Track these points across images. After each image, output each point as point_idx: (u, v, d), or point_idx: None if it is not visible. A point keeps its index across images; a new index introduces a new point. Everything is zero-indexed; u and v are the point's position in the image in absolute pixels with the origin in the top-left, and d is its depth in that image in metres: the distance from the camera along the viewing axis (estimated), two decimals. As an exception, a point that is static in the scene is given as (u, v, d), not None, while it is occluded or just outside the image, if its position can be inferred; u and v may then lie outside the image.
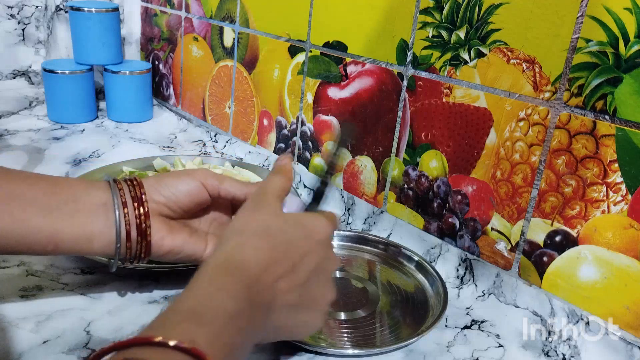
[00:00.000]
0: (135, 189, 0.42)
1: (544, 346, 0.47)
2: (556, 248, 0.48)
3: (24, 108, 1.03)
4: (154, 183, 0.43)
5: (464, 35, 0.53)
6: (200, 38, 0.94)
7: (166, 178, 0.44)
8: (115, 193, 0.41)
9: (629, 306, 0.44)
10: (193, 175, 0.45)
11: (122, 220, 0.41)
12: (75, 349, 0.41)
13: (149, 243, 0.42)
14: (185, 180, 0.44)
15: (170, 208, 0.44)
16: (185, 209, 0.45)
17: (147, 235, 0.41)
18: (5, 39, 1.14)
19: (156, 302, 0.48)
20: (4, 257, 0.52)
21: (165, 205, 0.43)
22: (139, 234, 0.41)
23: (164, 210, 0.43)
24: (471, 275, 0.55)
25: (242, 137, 0.88)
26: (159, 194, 0.43)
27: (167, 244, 0.43)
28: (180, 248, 0.43)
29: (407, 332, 0.47)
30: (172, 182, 0.44)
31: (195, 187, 0.44)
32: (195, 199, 0.44)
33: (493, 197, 0.53)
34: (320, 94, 0.71)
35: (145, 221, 0.41)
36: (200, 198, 0.45)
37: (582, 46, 0.44)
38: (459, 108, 0.55)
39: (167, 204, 0.43)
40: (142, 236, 0.41)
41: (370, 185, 0.66)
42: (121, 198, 0.41)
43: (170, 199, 0.43)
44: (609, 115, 0.43)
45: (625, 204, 0.43)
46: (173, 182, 0.44)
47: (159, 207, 0.43)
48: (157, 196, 0.43)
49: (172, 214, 0.44)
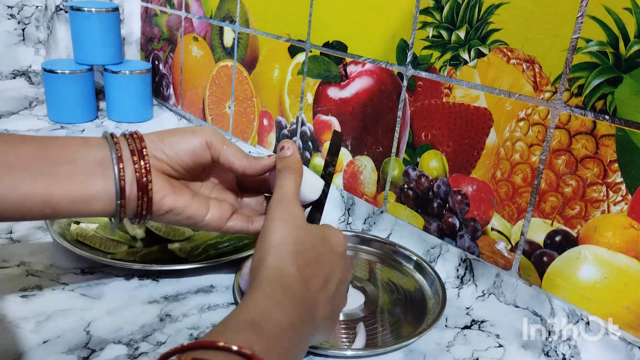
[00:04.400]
0: (135, 142, 0.40)
1: (544, 346, 0.47)
2: (556, 248, 0.48)
3: (24, 108, 1.03)
4: (156, 139, 0.42)
5: (464, 35, 0.53)
6: (200, 38, 0.94)
7: (169, 135, 0.43)
8: (112, 148, 0.39)
9: (629, 306, 0.44)
10: (198, 132, 0.43)
11: (124, 175, 0.39)
12: (75, 349, 0.41)
13: (151, 199, 0.40)
14: (188, 138, 0.43)
15: (172, 167, 0.42)
16: (187, 169, 0.43)
17: (148, 191, 0.40)
18: (5, 39, 1.14)
19: (156, 302, 0.48)
20: (4, 257, 0.52)
21: (167, 163, 0.42)
22: (140, 188, 0.39)
23: (166, 169, 0.42)
24: (471, 275, 0.55)
25: (242, 137, 0.88)
26: (160, 151, 0.41)
27: (169, 202, 0.41)
28: (181, 209, 0.42)
29: (407, 332, 0.47)
30: (175, 140, 0.42)
31: (199, 146, 0.43)
32: (198, 158, 0.43)
33: (493, 197, 0.53)
34: (320, 94, 0.71)
35: (146, 175, 0.39)
36: (203, 158, 0.43)
37: (582, 46, 0.44)
38: (459, 108, 0.55)
39: (168, 162, 0.42)
40: (144, 191, 0.39)
41: (370, 185, 0.66)
42: (118, 153, 0.39)
43: (173, 157, 0.42)
44: (609, 115, 0.43)
45: (625, 204, 0.43)
46: (176, 139, 0.42)
47: (160, 164, 0.41)
48: (159, 153, 0.41)
49: (174, 173, 0.43)
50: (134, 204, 0.40)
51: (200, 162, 0.44)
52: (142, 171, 0.39)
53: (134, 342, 0.42)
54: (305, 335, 0.34)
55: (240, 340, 0.28)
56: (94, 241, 0.54)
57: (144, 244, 0.55)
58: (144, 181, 0.39)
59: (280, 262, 0.36)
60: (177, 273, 0.53)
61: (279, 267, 0.36)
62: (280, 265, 0.36)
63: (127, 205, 0.39)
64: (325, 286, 0.37)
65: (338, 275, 0.38)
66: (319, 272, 0.37)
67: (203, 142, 0.43)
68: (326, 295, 0.37)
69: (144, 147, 0.40)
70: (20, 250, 0.53)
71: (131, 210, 0.40)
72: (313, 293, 0.36)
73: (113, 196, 0.39)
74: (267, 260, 0.36)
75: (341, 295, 0.40)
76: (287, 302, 0.33)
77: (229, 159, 0.44)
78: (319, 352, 0.43)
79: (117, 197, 0.39)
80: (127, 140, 0.40)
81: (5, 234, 0.56)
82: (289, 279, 0.35)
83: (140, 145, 0.40)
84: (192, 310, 0.47)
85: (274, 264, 0.36)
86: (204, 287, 0.51)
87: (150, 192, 0.40)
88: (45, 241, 0.56)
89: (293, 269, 0.36)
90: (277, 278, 0.35)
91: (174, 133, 0.43)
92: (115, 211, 0.39)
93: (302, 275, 0.36)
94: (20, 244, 0.55)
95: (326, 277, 0.37)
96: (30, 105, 1.05)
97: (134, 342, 0.42)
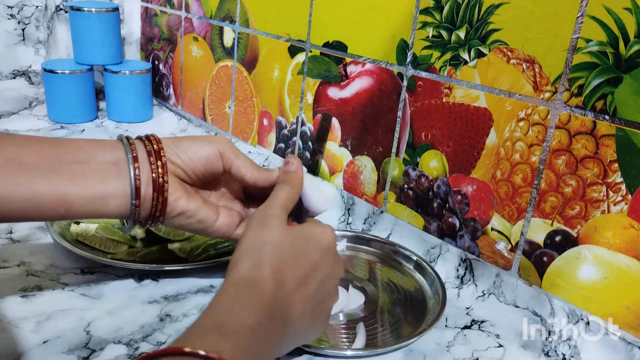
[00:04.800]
0: (152, 144, 0.41)
1: (544, 346, 0.47)
2: (556, 248, 0.48)
3: (24, 108, 1.03)
4: (171, 144, 0.42)
5: (464, 35, 0.53)
6: (200, 38, 0.94)
7: (184, 141, 0.43)
8: (128, 149, 0.40)
9: (629, 306, 0.44)
10: (212, 141, 0.44)
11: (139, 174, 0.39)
12: (75, 349, 0.41)
13: (166, 200, 0.40)
14: (203, 145, 0.43)
15: (186, 172, 0.42)
16: (199, 175, 0.43)
17: (164, 192, 0.40)
18: (5, 39, 1.14)
19: (156, 302, 0.48)
20: (4, 257, 0.52)
21: (181, 167, 0.42)
22: (156, 189, 0.39)
23: (179, 173, 0.42)
24: (471, 275, 0.55)
25: (242, 137, 0.88)
26: (175, 155, 0.42)
27: (182, 204, 0.41)
28: (193, 212, 0.42)
29: (407, 332, 0.47)
30: (190, 146, 0.43)
31: (213, 154, 0.43)
32: (210, 167, 0.43)
33: (493, 197, 0.53)
34: (320, 94, 0.71)
35: (163, 176, 0.40)
36: (215, 167, 0.44)
37: (582, 46, 0.44)
38: (459, 108, 0.55)
39: (182, 166, 0.42)
40: (159, 192, 0.39)
41: (370, 185, 0.66)
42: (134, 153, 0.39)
43: (187, 162, 0.42)
44: (609, 115, 0.43)
45: (625, 204, 0.43)
46: (191, 145, 0.43)
47: (175, 168, 0.42)
48: (174, 157, 0.42)
49: (186, 178, 0.43)
50: (149, 205, 0.40)
51: (212, 171, 0.44)
52: (158, 171, 0.39)
53: (134, 342, 0.42)
54: (277, 334, 0.34)
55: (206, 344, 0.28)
56: (94, 241, 0.54)
57: (144, 244, 0.55)
58: (161, 182, 0.39)
59: (251, 265, 0.35)
60: (177, 273, 0.53)
61: (250, 269, 0.35)
62: (252, 268, 0.35)
63: (141, 205, 0.39)
64: (304, 283, 0.36)
65: (322, 271, 0.38)
66: (296, 271, 0.36)
67: (217, 151, 0.43)
68: (305, 292, 0.36)
69: (161, 149, 0.41)
70: (20, 250, 0.53)
71: (145, 212, 0.40)
72: (287, 291, 0.35)
73: (128, 196, 0.39)
74: (239, 264, 0.36)
75: (327, 291, 0.39)
76: (254, 302, 0.33)
77: (240, 170, 0.44)
78: (319, 352, 0.43)
79: (132, 197, 0.39)
80: (143, 142, 0.41)
81: (5, 234, 0.56)
82: (258, 280, 0.34)
83: (158, 147, 0.41)
84: (192, 310, 0.47)
85: (245, 268, 0.35)
86: (204, 287, 0.51)
87: (166, 193, 0.40)
88: (45, 241, 0.56)
89: (266, 271, 0.35)
90: (244, 281, 0.34)
91: (190, 140, 0.43)
92: (129, 212, 0.39)
93: (274, 276, 0.35)
94: (21, 244, 0.55)
95: (305, 274, 0.36)
96: (30, 105, 1.05)
97: (134, 342, 0.42)
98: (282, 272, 0.35)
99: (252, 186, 0.45)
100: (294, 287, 0.36)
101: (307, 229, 0.39)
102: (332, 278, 0.39)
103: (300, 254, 0.37)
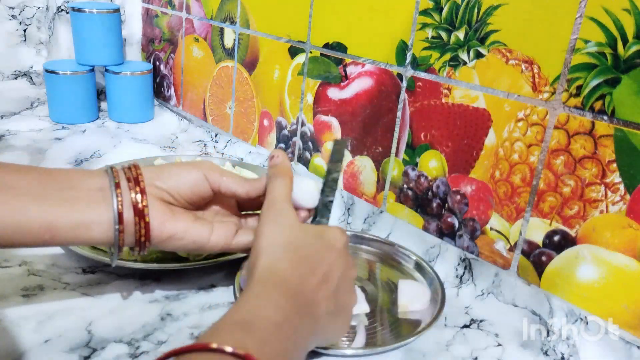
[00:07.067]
0: (131, 171, 0.41)
1: (543, 345, 0.47)
2: (555, 248, 0.49)
3: (25, 108, 1.03)
4: (156, 170, 0.43)
5: (463, 36, 0.53)
6: (201, 39, 0.95)
7: (168, 167, 0.44)
8: (111, 176, 0.41)
9: (628, 305, 0.44)
10: (196, 166, 0.44)
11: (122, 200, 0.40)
12: (76, 348, 0.41)
13: (148, 224, 0.41)
14: (188, 170, 0.44)
15: (173, 196, 0.43)
16: (187, 200, 0.44)
17: (145, 216, 0.40)
18: (6, 39, 1.14)
19: (157, 302, 0.48)
20: (6, 257, 0.52)
21: (167, 192, 0.42)
22: (136, 213, 0.40)
23: (166, 197, 0.43)
24: (470, 274, 0.56)
25: (243, 138, 0.89)
26: (160, 180, 0.42)
27: (169, 228, 0.41)
28: (183, 233, 0.42)
29: (406, 331, 0.48)
30: (174, 171, 0.43)
31: (198, 178, 0.44)
32: (197, 190, 0.44)
33: (492, 197, 0.53)
34: (320, 95, 0.71)
35: (142, 201, 0.40)
36: (202, 190, 0.44)
37: (581, 47, 0.44)
38: (458, 108, 0.55)
39: (169, 190, 0.42)
40: (140, 216, 0.40)
41: (369, 185, 0.67)
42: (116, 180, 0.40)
43: (172, 187, 0.43)
44: (608, 115, 0.44)
45: (623, 203, 0.44)
46: (176, 171, 0.43)
47: (160, 192, 0.42)
48: (159, 182, 0.42)
49: (174, 201, 0.43)
50: (132, 229, 0.40)
51: (200, 194, 0.44)
52: (137, 197, 0.40)
53: (135, 341, 0.43)
54: (304, 329, 0.34)
55: (232, 340, 0.28)
56: (95, 241, 0.54)
57: (144, 243, 0.56)
58: (140, 206, 0.40)
59: (272, 261, 0.36)
60: (178, 272, 0.53)
61: (271, 265, 0.36)
62: (273, 263, 0.36)
63: (125, 231, 0.40)
64: (324, 281, 0.37)
65: (338, 271, 0.38)
66: (316, 267, 0.37)
67: (202, 175, 0.44)
68: (327, 290, 0.37)
69: (139, 174, 0.41)
70: (21, 250, 0.54)
71: (130, 237, 0.41)
72: (310, 288, 0.36)
73: (112, 222, 0.39)
74: (260, 261, 0.36)
75: (346, 291, 0.39)
76: (280, 297, 0.33)
77: (230, 187, 0.45)
78: (318, 351, 0.43)
79: (115, 222, 0.39)
80: (124, 171, 0.42)
81: (7, 234, 0.56)
82: (281, 275, 0.35)
83: (136, 173, 0.41)
84: (193, 309, 0.48)
85: (266, 264, 0.36)
86: (204, 287, 0.51)
87: (147, 217, 0.40)
88: (46, 241, 0.56)
89: (286, 265, 0.36)
90: (268, 276, 0.35)
91: (175, 166, 0.44)
92: (114, 238, 0.40)
93: (296, 271, 0.36)
94: (22, 244, 0.55)
95: (325, 273, 0.37)
96: (32, 105, 1.05)
97: (135, 341, 0.43)
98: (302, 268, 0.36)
99: (246, 199, 0.46)
100: (316, 285, 0.36)
101: (320, 228, 0.41)
102: (347, 278, 0.40)
103: (316, 251, 0.38)
